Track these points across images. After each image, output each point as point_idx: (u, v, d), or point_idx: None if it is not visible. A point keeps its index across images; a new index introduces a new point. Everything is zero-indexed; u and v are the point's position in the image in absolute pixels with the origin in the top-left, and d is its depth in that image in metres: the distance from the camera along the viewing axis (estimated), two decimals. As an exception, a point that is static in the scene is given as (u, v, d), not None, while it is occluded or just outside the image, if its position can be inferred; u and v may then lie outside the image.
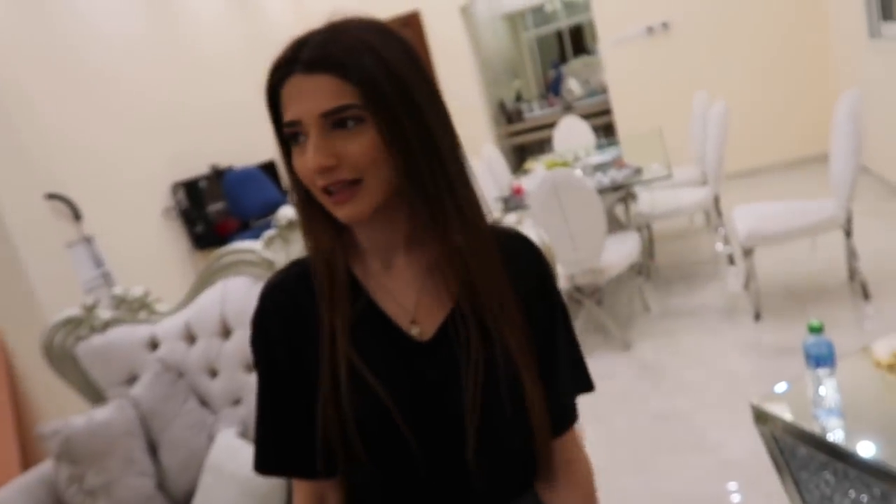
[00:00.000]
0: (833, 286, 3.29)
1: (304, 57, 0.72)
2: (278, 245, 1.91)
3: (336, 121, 0.72)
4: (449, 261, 0.79)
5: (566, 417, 0.88)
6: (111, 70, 4.01)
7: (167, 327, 2.03)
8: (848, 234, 3.05)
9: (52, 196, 3.31)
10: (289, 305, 0.82)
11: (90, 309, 2.05)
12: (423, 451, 0.76)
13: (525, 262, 0.87)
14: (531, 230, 1.62)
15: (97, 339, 2.03)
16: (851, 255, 3.10)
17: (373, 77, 0.71)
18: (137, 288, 2.10)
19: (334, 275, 0.79)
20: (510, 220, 1.65)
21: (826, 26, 5.21)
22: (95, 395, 2.07)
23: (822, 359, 1.39)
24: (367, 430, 0.76)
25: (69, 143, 3.59)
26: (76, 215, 3.50)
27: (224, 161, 4.69)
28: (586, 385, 0.91)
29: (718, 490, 2.18)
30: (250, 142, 5.08)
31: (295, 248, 1.88)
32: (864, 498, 1.30)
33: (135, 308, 2.07)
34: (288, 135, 0.75)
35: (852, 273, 3.18)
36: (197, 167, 4.47)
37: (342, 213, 0.75)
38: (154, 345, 2.03)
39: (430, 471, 0.77)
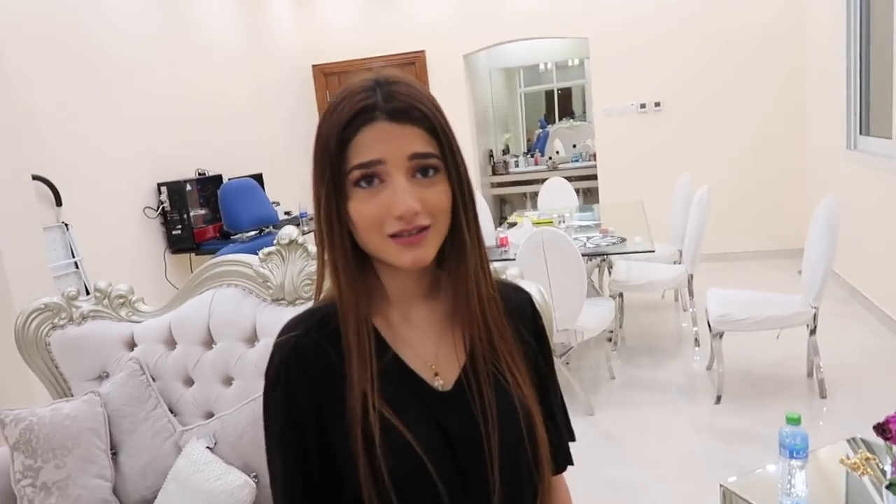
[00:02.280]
0: (792, 380, 3.40)
1: (390, 107, 0.73)
2: (276, 262, 1.91)
3: (420, 166, 0.74)
4: (466, 312, 0.82)
5: (566, 458, 0.94)
6: (114, 61, 3.99)
7: (148, 328, 1.99)
8: (812, 331, 3.17)
9: (36, 178, 3.25)
10: (315, 359, 0.80)
11: (71, 299, 2.00)
12: (452, 502, 0.77)
13: (526, 313, 0.92)
14: (532, 285, 1.66)
15: (73, 331, 1.99)
16: (813, 351, 3.21)
17: (447, 133, 0.77)
18: (122, 284, 2.07)
19: (366, 330, 0.78)
20: (512, 272, 1.69)
21: (808, 131, 5.49)
22: (60, 388, 2.01)
23: (795, 450, 1.44)
24: (402, 486, 0.75)
25: (57, 126, 3.54)
26: (57, 201, 3.43)
27: (211, 168, 4.67)
28: (571, 434, 0.97)
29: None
30: (240, 152, 5.08)
31: (292, 268, 1.88)
32: (823, 592, 1.34)
33: (116, 305, 2.04)
34: (356, 178, 0.74)
35: (811, 369, 3.30)
36: (183, 170, 4.44)
37: (410, 256, 0.75)
38: (131, 344, 1.99)
39: None
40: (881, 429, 1.30)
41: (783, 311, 3.13)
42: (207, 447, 1.72)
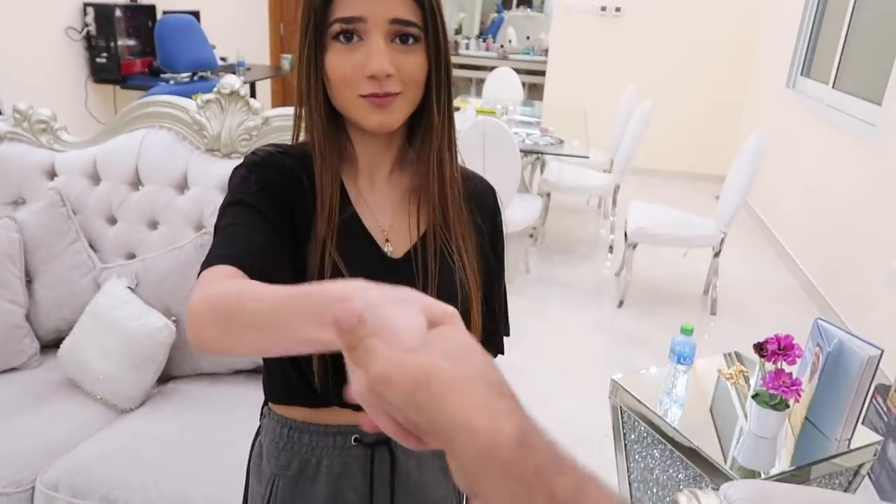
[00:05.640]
0: (689, 295, 3.67)
1: None
2: (214, 111, 1.84)
3: (400, 33, 0.74)
4: (426, 189, 0.85)
5: (497, 348, 0.99)
6: None
7: (70, 159, 1.91)
8: (717, 254, 3.40)
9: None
10: (292, 177, 0.82)
11: (-13, 116, 1.88)
12: None
13: (486, 204, 0.94)
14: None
15: (-13, 150, 1.89)
16: (713, 273, 3.46)
17: (433, 4, 0.77)
18: (44, 109, 1.95)
19: (335, 181, 0.81)
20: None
21: (754, 65, 5.59)
22: (-29, 208, 1.93)
23: (683, 356, 1.60)
24: None
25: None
26: (-33, 3, 3.11)
27: (144, -4, 4.30)
28: (507, 329, 1.03)
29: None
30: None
31: (231, 120, 1.82)
32: (681, 475, 1.54)
33: (37, 130, 1.93)
34: (335, 31, 0.74)
35: (708, 288, 3.56)
36: (114, -7, 4.08)
37: (377, 118, 0.77)
38: (51, 174, 1.92)
39: None
40: (759, 347, 1.46)
41: (696, 232, 3.33)
42: (128, 287, 1.72)
